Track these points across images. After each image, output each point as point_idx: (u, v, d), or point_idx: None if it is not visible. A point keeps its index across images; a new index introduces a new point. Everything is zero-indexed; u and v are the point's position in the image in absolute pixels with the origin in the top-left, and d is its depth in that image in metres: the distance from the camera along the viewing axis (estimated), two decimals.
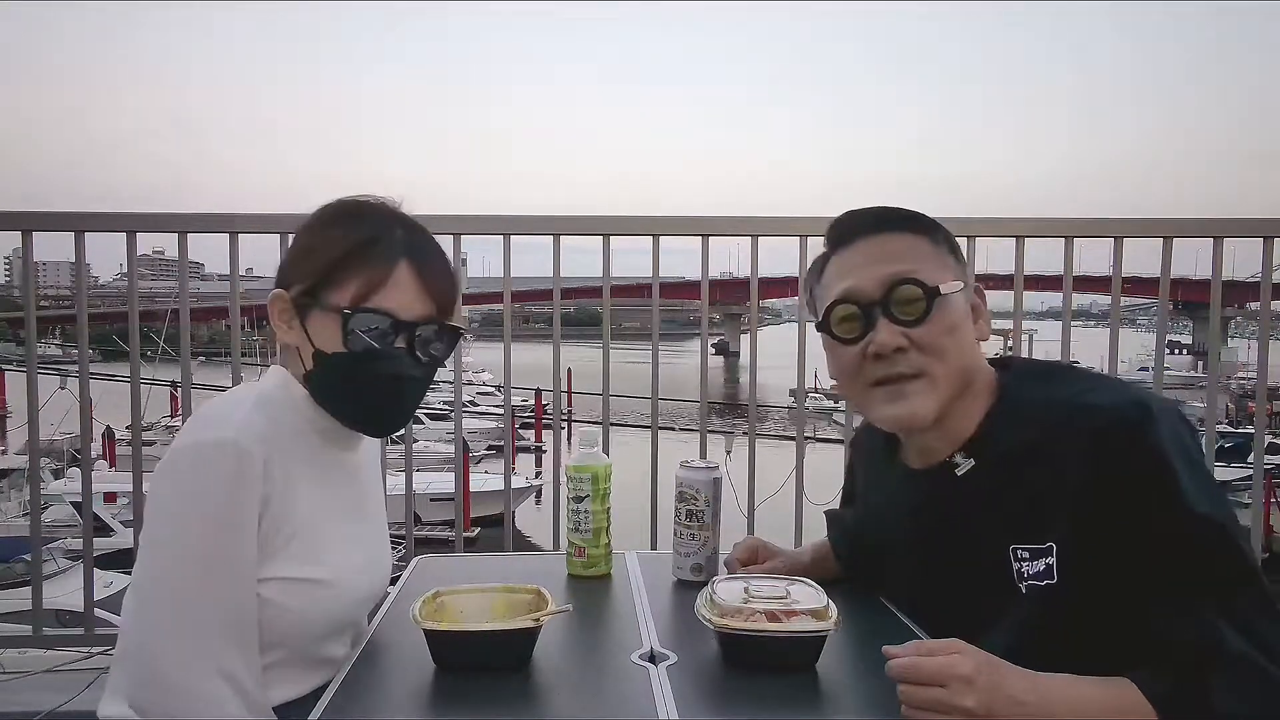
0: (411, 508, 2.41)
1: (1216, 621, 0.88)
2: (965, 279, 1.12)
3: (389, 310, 1.08)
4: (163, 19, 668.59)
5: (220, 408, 1.09)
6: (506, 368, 2.29)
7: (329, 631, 1.13)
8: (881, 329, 1.07)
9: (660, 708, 0.91)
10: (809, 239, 2.22)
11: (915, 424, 1.09)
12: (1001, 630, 1.01)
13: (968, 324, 1.10)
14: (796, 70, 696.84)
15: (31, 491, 2.33)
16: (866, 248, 1.11)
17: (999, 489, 1.05)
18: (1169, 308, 2.38)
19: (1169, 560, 0.92)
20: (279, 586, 1.04)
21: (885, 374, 1.08)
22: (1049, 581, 0.99)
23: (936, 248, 1.11)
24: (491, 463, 18.20)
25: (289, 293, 1.11)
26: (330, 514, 1.12)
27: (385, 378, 1.10)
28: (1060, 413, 1.01)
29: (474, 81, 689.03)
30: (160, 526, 1.03)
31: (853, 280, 1.09)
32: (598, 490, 1.39)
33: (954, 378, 1.07)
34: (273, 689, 1.06)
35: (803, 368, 2.30)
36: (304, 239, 1.14)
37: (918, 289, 1.06)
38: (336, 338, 1.08)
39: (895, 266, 1.07)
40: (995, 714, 0.85)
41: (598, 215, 2.22)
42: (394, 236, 1.10)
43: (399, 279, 1.08)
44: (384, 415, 1.16)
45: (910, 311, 1.06)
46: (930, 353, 1.06)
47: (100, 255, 2.28)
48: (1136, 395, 1.00)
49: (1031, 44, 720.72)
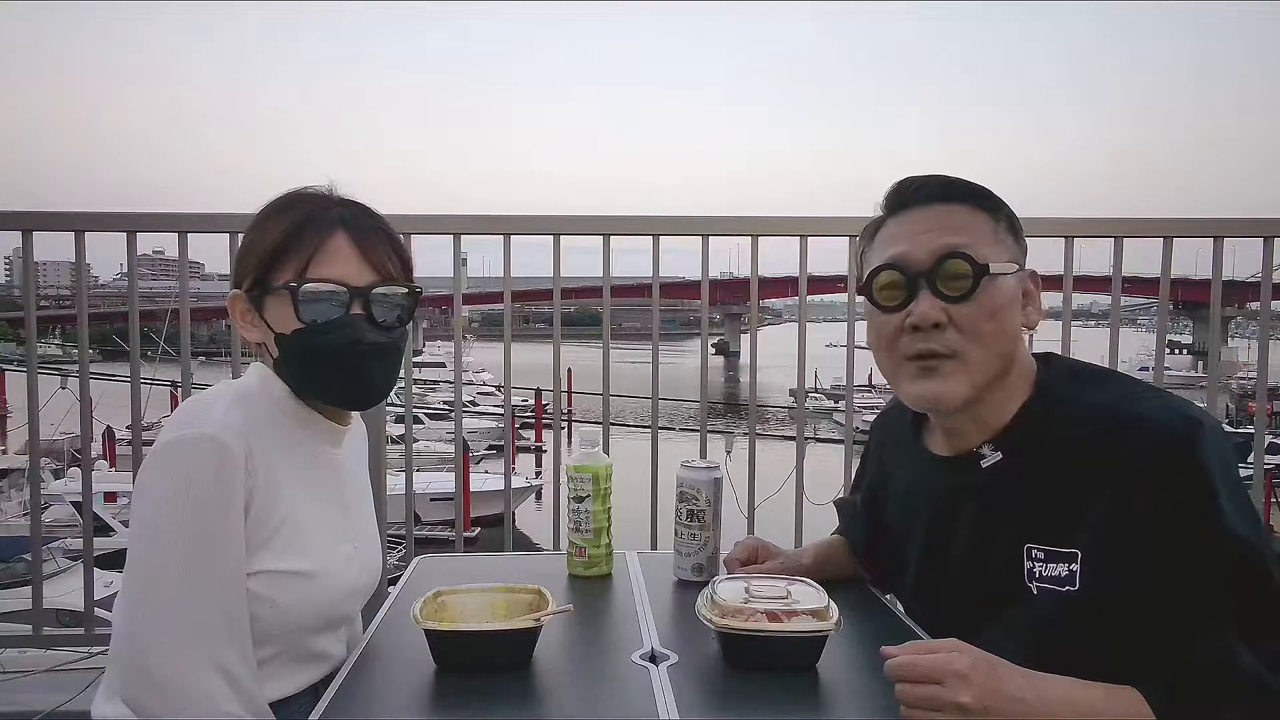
0: (411, 508, 2.41)
1: (1237, 645, 0.87)
2: (1021, 262, 1.07)
3: (334, 278, 1.09)
4: (163, 18, 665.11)
5: (199, 405, 1.09)
6: (506, 368, 2.29)
7: (318, 625, 1.13)
8: (923, 300, 1.03)
9: (661, 708, 0.91)
10: (809, 239, 2.22)
11: (943, 405, 1.05)
12: (1005, 628, 1.00)
13: (1014, 309, 1.05)
14: (796, 70, 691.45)
15: (31, 491, 2.33)
16: (923, 216, 1.06)
17: (1024, 486, 1.03)
18: (1169, 308, 2.38)
19: (1198, 579, 0.90)
20: (265, 580, 1.05)
21: (921, 349, 1.04)
22: (1070, 588, 0.97)
23: (996, 226, 1.06)
24: (492, 462, 18.20)
25: (242, 289, 1.14)
26: (314, 507, 1.13)
27: (347, 345, 1.10)
28: (1105, 419, 0.98)
29: (474, 81, 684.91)
30: (147, 524, 1.03)
31: (903, 247, 1.05)
32: (598, 490, 1.39)
33: (990, 363, 1.03)
34: (266, 685, 1.06)
35: (803, 368, 2.30)
36: (247, 236, 1.16)
37: (966, 264, 1.02)
38: (290, 315, 1.10)
39: (949, 239, 1.03)
40: (992, 710, 0.84)
41: (598, 215, 2.22)
42: (329, 214, 1.13)
43: (337, 247, 1.10)
44: (360, 385, 1.16)
45: (956, 287, 1.02)
46: (969, 334, 1.03)
47: (100, 255, 2.28)
48: (1186, 409, 0.97)
49: (1031, 42, 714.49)
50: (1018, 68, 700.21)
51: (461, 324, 2.44)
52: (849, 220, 2.18)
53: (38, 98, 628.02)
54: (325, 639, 1.16)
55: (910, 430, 1.21)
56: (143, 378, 2.21)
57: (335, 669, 1.14)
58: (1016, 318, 1.06)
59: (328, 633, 1.16)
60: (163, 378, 9.56)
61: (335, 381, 1.14)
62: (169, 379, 9.92)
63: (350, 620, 1.24)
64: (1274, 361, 2.92)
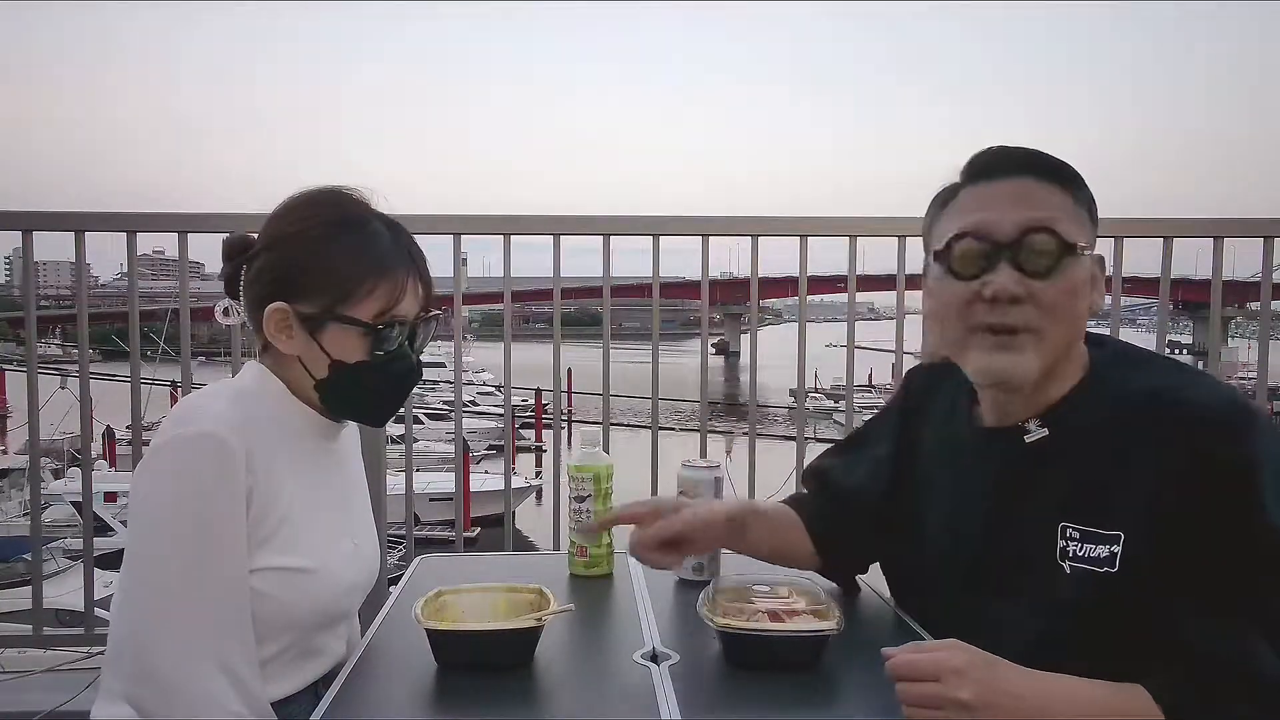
0: (411, 508, 2.41)
1: (1259, 643, 0.86)
2: (1094, 245, 1.04)
3: (404, 317, 1.14)
4: (164, 18, 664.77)
5: (197, 403, 1.09)
6: (506, 368, 2.29)
7: (319, 621, 1.13)
8: (1003, 272, 1.00)
9: (662, 707, 0.91)
10: (809, 239, 2.22)
11: (1015, 380, 1.03)
12: (1030, 606, 0.99)
13: (1087, 290, 1.03)
14: (797, 70, 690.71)
15: (32, 491, 2.33)
16: (1009, 187, 1.04)
17: (1067, 464, 1.01)
18: (1169, 308, 2.38)
19: (1230, 570, 0.89)
20: (267, 577, 1.05)
21: (998, 321, 1.02)
22: (1109, 570, 0.95)
23: (1077, 206, 1.03)
24: (492, 462, 18.20)
25: (293, 308, 1.10)
26: (314, 504, 1.13)
27: (400, 375, 1.16)
28: (1154, 402, 0.96)
29: (475, 81, 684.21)
30: (146, 523, 1.02)
31: (986, 215, 1.03)
32: (599, 490, 1.40)
33: (1062, 341, 1.02)
34: (267, 684, 1.06)
35: (803, 368, 2.30)
36: (301, 248, 1.11)
37: (1053, 240, 0.99)
38: (359, 348, 1.11)
39: (1036, 213, 1.01)
40: (991, 705, 0.84)
41: (598, 215, 2.22)
42: (399, 245, 1.14)
43: (411, 289, 1.14)
44: (392, 409, 1.23)
45: (1039, 263, 1.00)
46: (1047, 311, 1.00)
47: (100, 255, 2.28)
48: (1236, 397, 0.96)
49: (1031, 42, 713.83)
50: (1016, 65, 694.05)
51: (461, 324, 2.44)
52: (850, 220, 2.18)
53: (38, 98, 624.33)
54: (325, 636, 1.16)
55: (958, 397, 1.18)
56: (143, 378, 2.21)
57: (336, 667, 1.14)
58: (1087, 299, 1.04)
59: (328, 629, 1.16)
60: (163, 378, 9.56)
61: (378, 406, 1.20)
62: (169, 379, 9.91)
63: (349, 616, 1.24)
64: (1274, 361, 2.92)
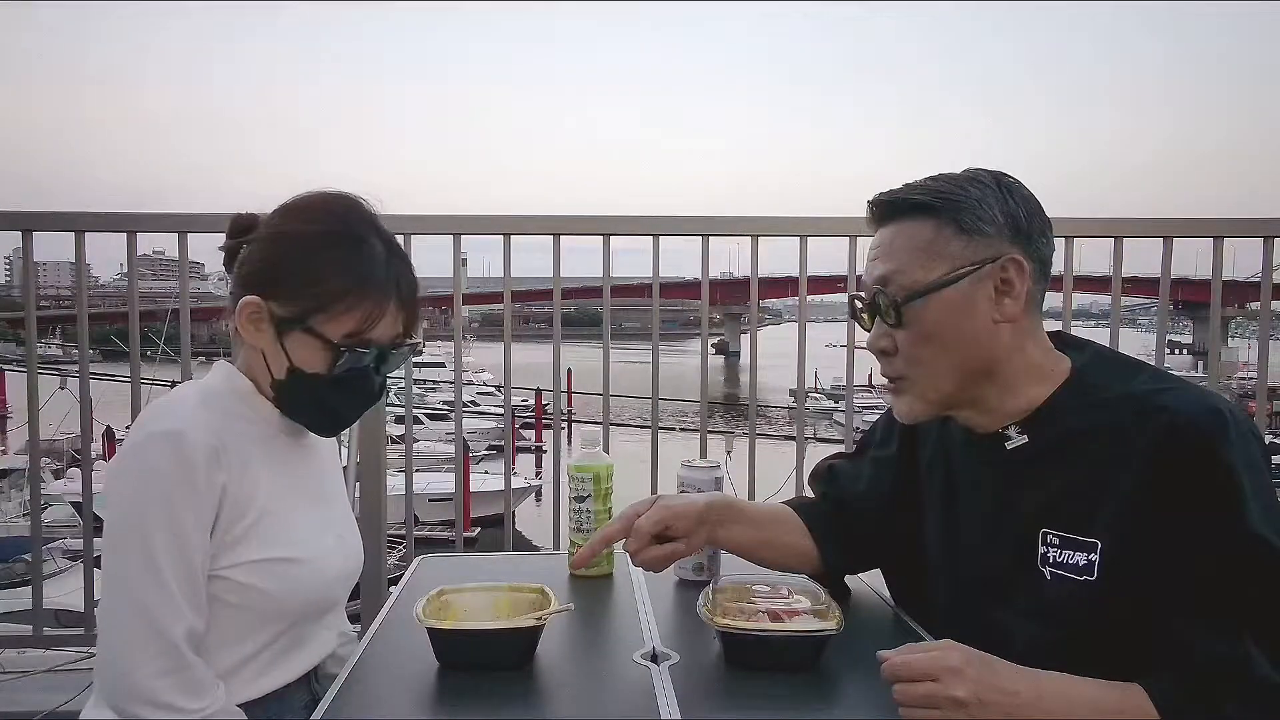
0: (411, 508, 2.41)
1: (1251, 646, 0.86)
2: (981, 258, 1.01)
3: (377, 342, 1.11)
4: (164, 18, 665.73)
5: (165, 404, 1.11)
6: (506, 368, 2.29)
7: (308, 611, 1.14)
8: (874, 328, 1.08)
9: (662, 707, 0.92)
10: (809, 239, 2.22)
11: (911, 421, 1.10)
12: (1021, 610, 1.01)
13: (963, 318, 1.01)
14: (797, 69, 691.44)
15: (31, 491, 2.33)
16: (875, 239, 1.08)
17: (1046, 470, 1.02)
18: (1169, 308, 2.38)
19: (1216, 576, 0.89)
20: (251, 569, 1.05)
21: (883, 371, 1.10)
22: (1087, 578, 0.96)
23: (939, 232, 1.02)
24: (492, 463, 18.19)
25: (269, 304, 1.10)
26: (292, 497, 1.14)
27: (356, 396, 1.15)
28: (1132, 407, 0.97)
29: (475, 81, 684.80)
30: (117, 525, 1.03)
31: (863, 274, 1.10)
32: (599, 490, 1.40)
33: (944, 378, 1.04)
34: (259, 679, 1.07)
35: (803, 368, 2.30)
36: (291, 247, 1.11)
37: (887, 296, 1.04)
38: (320, 362, 1.10)
39: (879, 268, 1.05)
40: (987, 703, 0.84)
41: (598, 215, 2.22)
42: (389, 276, 1.11)
43: (389, 315, 1.11)
44: (342, 425, 1.25)
45: (890, 315, 1.04)
46: (908, 359, 1.05)
47: (100, 255, 2.28)
48: (1214, 403, 0.95)
49: (1031, 43, 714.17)
50: (1016, 65, 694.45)
51: (461, 324, 2.44)
52: (849, 220, 2.18)
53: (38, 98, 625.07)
54: (314, 626, 1.17)
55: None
56: (142, 378, 2.21)
57: (325, 657, 1.17)
58: (970, 324, 1.02)
59: (316, 620, 1.18)
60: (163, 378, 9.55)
61: (326, 419, 1.18)
62: (169, 379, 9.91)
63: (338, 606, 1.25)
64: (1274, 361, 2.92)
